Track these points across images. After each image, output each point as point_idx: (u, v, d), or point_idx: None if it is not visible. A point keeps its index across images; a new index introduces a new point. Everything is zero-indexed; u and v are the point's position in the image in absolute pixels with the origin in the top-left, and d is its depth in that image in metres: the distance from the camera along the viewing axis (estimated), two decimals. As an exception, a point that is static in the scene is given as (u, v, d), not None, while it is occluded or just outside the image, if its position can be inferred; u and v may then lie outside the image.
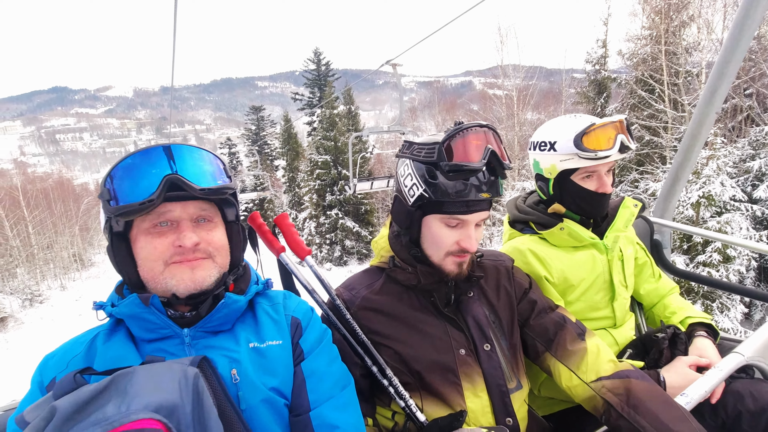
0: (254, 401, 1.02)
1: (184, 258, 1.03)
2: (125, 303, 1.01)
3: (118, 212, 0.99)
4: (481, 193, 1.23)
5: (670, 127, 15.61)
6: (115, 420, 0.73)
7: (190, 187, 1.00)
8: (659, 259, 2.39)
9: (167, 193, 0.99)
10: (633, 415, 1.15)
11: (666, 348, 1.55)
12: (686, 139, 2.39)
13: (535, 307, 1.45)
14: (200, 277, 1.04)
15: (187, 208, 1.04)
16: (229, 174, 1.12)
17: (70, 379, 0.81)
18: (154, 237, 1.02)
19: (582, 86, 19.90)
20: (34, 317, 26.45)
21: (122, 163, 1.01)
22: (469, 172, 1.21)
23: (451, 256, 1.30)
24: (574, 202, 1.69)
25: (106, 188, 1.00)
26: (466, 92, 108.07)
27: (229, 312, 1.08)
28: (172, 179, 0.99)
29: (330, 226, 27.29)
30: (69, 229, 40.80)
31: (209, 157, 1.09)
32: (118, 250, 1.05)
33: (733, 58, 2.03)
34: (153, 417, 0.75)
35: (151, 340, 1.04)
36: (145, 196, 0.97)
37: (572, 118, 1.66)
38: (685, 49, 15.74)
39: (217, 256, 1.09)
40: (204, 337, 1.06)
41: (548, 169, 1.68)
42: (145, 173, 0.99)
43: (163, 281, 1.03)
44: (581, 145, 1.56)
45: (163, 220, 1.03)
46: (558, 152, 1.62)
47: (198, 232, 1.05)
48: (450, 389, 1.28)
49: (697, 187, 11.44)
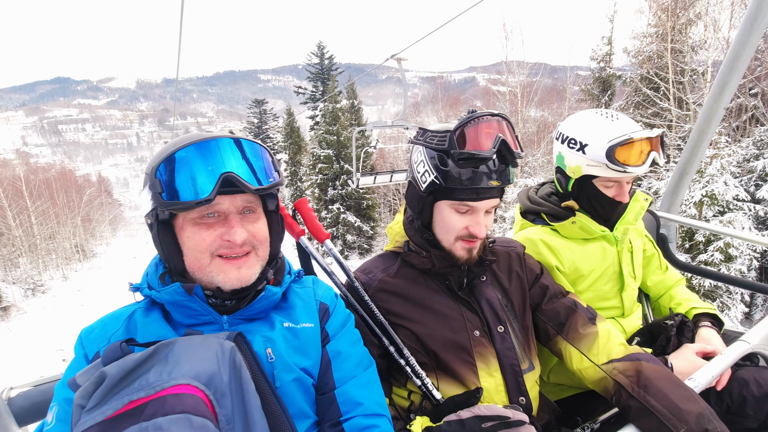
0: (287, 379, 1.07)
1: (231, 252, 1.04)
2: (168, 291, 1.03)
3: (171, 207, 0.99)
4: (491, 181, 1.26)
5: (675, 126, 15.60)
6: (157, 385, 0.78)
7: (245, 186, 1.00)
8: (665, 252, 2.43)
9: (221, 188, 0.98)
10: (643, 395, 1.19)
11: (674, 335, 1.60)
12: (694, 134, 2.42)
13: (546, 292, 1.50)
14: (246, 275, 1.06)
15: (235, 201, 1.05)
16: (278, 168, 1.12)
17: (117, 348, 0.86)
18: (201, 228, 1.03)
19: (586, 83, 19.85)
20: (37, 307, 26.61)
21: (177, 155, 0.98)
22: (479, 161, 1.24)
23: (460, 241, 1.35)
24: (589, 204, 1.71)
25: (157, 179, 0.99)
26: (470, 88, 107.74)
27: (268, 303, 1.11)
28: (228, 177, 0.98)
29: (332, 221, 27.32)
30: (71, 219, 40.93)
31: (263, 152, 1.08)
32: (164, 238, 1.04)
33: (744, 53, 2.05)
34: (191, 383, 0.80)
35: (191, 325, 1.07)
36: (202, 195, 0.96)
37: (607, 119, 1.61)
38: (691, 48, 15.68)
39: (260, 248, 1.10)
40: (241, 323, 1.10)
41: (572, 168, 1.67)
42: (200, 169, 0.98)
43: (210, 274, 1.04)
44: (613, 157, 1.53)
45: (211, 211, 1.03)
46: (587, 156, 1.60)
47: (244, 224, 1.06)
48: (465, 368, 1.33)
49: (700, 186, 11.45)
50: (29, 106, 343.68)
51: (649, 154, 1.56)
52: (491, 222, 1.37)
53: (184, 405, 0.76)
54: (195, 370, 0.82)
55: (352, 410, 1.11)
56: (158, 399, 0.76)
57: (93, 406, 0.75)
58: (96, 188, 57.43)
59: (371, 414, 1.12)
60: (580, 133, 1.63)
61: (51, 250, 36.24)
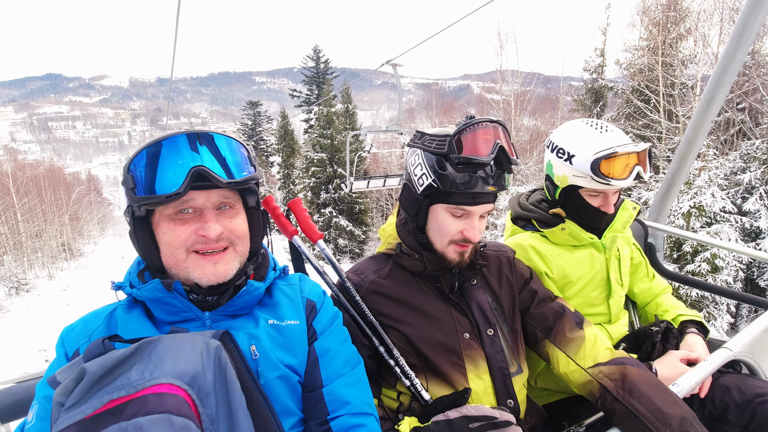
0: (271, 377, 1.06)
1: (206, 247, 1.03)
2: (147, 288, 1.02)
3: (143, 202, 0.99)
4: (488, 186, 1.28)
5: (664, 138, 15.85)
6: (138, 384, 0.77)
7: (216, 179, 0.99)
8: (652, 261, 2.46)
9: (193, 182, 0.98)
10: (628, 398, 1.20)
11: (659, 342, 1.62)
12: (682, 146, 2.46)
13: (535, 296, 1.51)
14: (222, 271, 1.05)
15: (210, 196, 1.04)
16: (254, 162, 1.11)
17: (99, 344, 0.84)
18: (176, 224, 1.02)
19: (579, 94, 20.14)
20: (20, 306, 26.09)
21: (147, 150, 0.99)
22: (477, 166, 1.25)
23: (453, 245, 1.36)
24: (575, 213, 1.73)
25: (130, 175, 0.99)
26: (464, 95, 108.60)
27: (250, 298, 1.11)
28: (198, 171, 0.98)
29: (324, 225, 27.26)
30: (59, 218, 40.32)
31: (236, 145, 1.08)
32: (141, 234, 1.04)
33: (731, 68, 2.10)
34: (173, 383, 0.79)
35: (173, 322, 1.06)
36: (171, 189, 0.96)
37: (596, 131, 1.63)
38: (681, 62, 16.00)
39: (239, 244, 1.09)
40: (224, 319, 1.09)
41: (559, 178, 1.70)
42: (170, 163, 0.98)
43: (186, 270, 1.04)
44: (597, 170, 1.56)
45: (186, 207, 1.03)
46: (573, 166, 1.62)
47: (220, 220, 1.05)
48: (454, 371, 1.33)
49: (688, 197, 11.64)
50: (19, 101, 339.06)
51: (634, 168, 1.58)
52: (484, 227, 1.38)
53: (165, 405, 0.74)
54: (178, 369, 0.81)
55: (339, 409, 1.11)
56: (139, 398, 0.74)
57: (72, 405, 0.74)
58: (85, 186, 56.74)
59: (359, 413, 1.12)
60: (569, 144, 1.65)
61: (37, 249, 35.62)
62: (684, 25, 16.22)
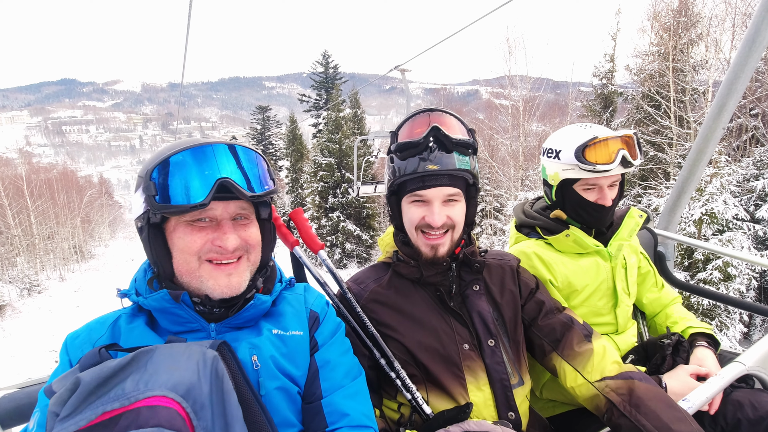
0: (271, 387, 1.05)
1: (221, 257, 1.03)
2: (155, 297, 1.01)
3: (165, 210, 0.98)
4: (429, 164, 1.28)
5: (675, 144, 15.66)
6: (132, 396, 0.76)
7: (240, 192, 1.00)
8: (662, 270, 2.41)
9: (216, 193, 0.98)
10: (634, 414, 1.17)
11: (669, 355, 1.58)
12: (693, 153, 2.42)
13: (542, 307, 1.48)
14: (236, 283, 1.04)
15: (228, 207, 1.04)
16: (273, 176, 1.12)
17: (95, 354, 0.84)
18: (193, 231, 1.02)
19: (588, 99, 19.98)
20: (32, 307, 26.44)
21: (172, 159, 0.98)
22: (413, 147, 1.30)
23: (422, 235, 1.36)
24: (574, 211, 1.73)
25: (152, 182, 0.98)
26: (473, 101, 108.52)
27: (257, 312, 1.10)
28: (224, 184, 0.98)
29: (331, 229, 27.30)
30: (71, 220, 40.91)
31: (259, 159, 1.08)
32: (154, 241, 1.03)
33: (743, 74, 2.06)
34: (167, 395, 0.78)
35: (178, 332, 1.05)
36: (196, 199, 0.96)
37: (581, 128, 1.70)
38: (692, 67, 15.81)
39: (252, 253, 1.10)
40: (229, 331, 1.08)
41: (552, 177, 1.74)
42: (196, 173, 0.97)
43: (198, 279, 1.03)
44: (582, 157, 1.60)
45: (203, 216, 1.02)
46: (561, 161, 1.68)
47: (237, 230, 1.05)
48: (454, 382, 1.31)
49: (700, 204, 11.46)
50: (34, 106, 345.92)
51: (618, 153, 1.60)
52: (457, 214, 1.35)
53: (158, 418, 0.73)
54: (173, 380, 0.80)
55: (338, 421, 1.09)
56: (132, 410, 0.74)
57: (66, 415, 0.73)
58: (97, 189, 57.57)
59: (357, 425, 1.10)
60: (556, 143, 1.71)
61: (49, 250, 36.15)
62: (695, 30, 16.04)
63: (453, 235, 1.36)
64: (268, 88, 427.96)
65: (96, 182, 70.38)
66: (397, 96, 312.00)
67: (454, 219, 1.34)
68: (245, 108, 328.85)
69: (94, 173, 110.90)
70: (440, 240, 1.34)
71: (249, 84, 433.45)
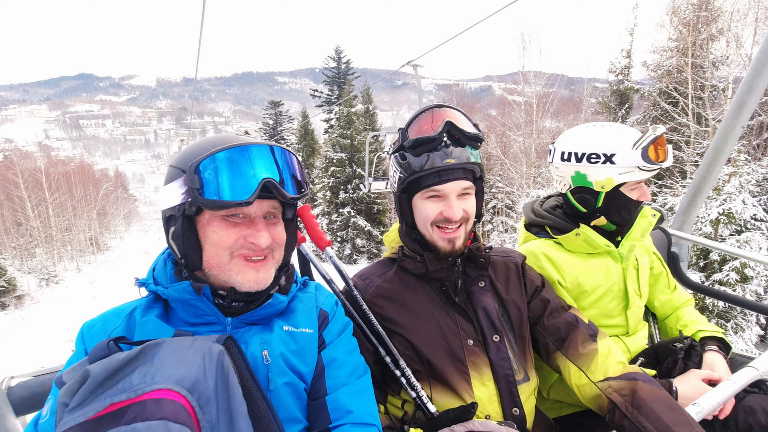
0: (280, 383, 1.06)
1: (254, 254, 1.05)
2: (176, 288, 1.03)
3: (210, 205, 0.99)
4: (447, 159, 1.29)
5: (693, 142, 15.34)
6: (139, 388, 0.77)
7: (282, 194, 1.03)
8: (675, 271, 2.37)
9: (261, 192, 1.01)
10: (636, 415, 1.16)
11: (681, 359, 1.55)
12: (710, 152, 2.37)
13: (547, 306, 1.47)
14: (263, 278, 1.07)
15: (262, 205, 1.07)
16: (307, 180, 1.14)
17: (104, 346, 0.86)
18: (228, 226, 1.04)
19: (603, 96, 19.63)
20: (50, 297, 27.13)
21: (221, 155, 1.00)
22: (429, 143, 1.29)
23: (438, 230, 1.35)
24: (618, 213, 1.66)
25: (196, 176, 0.99)
26: (485, 97, 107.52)
27: (273, 310, 1.12)
28: (268, 184, 1.01)
29: (342, 224, 27.40)
30: (87, 213, 41.76)
31: (298, 163, 1.12)
32: (188, 233, 1.04)
33: (765, 70, 2.00)
34: (173, 388, 0.79)
35: (195, 324, 1.07)
36: (242, 196, 0.99)
37: (614, 128, 1.62)
38: (712, 63, 15.44)
39: (277, 251, 1.12)
40: (243, 326, 1.10)
41: (602, 183, 1.62)
42: (243, 172, 1.00)
43: (228, 272, 1.05)
44: (647, 157, 1.54)
45: (238, 212, 1.05)
46: (617, 165, 1.57)
47: (268, 228, 1.08)
48: (458, 378, 1.31)
49: (717, 204, 11.21)
50: (53, 100, 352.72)
51: (668, 149, 1.58)
52: (471, 207, 1.37)
53: (163, 411, 0.75)
54: (179, 374, 0.81)
55: (341, 418, 1.10)
56: (139, 403, 0.75)
57: (75, 406, 0.75)
58: (113, 183, 58.63)
59: (361, 423, 1.11)
60: (600, 147, 1.59)
61: (66, 242, 36.98)
62: (716, 25, 15.64)
63: (466, 227, 1.37)
64: (280, 84, 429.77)
65: (112, 176, 71.59)
66: (409, 92, 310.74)
67: (468, 212, 1.35)
68: (258, 103, 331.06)
69: (110, 167, 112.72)
70: (456, 233, 1.35)
71: (262, 79, 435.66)
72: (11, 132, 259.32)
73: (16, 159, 35.23)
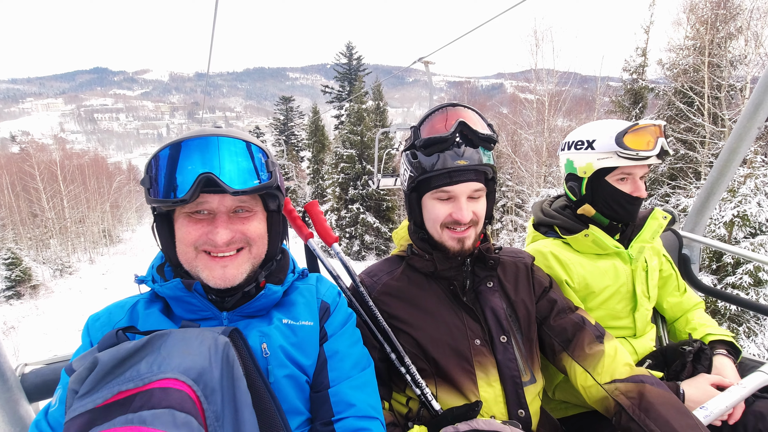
0: (280, 375, 1.07)
1: (216, 250, 1.04)
2: (169, 286, 1.04)
3: (154, 204, 1.02)
4: (459, 160, 1.27)
5: (708, 142, 15.07)
6: (146, 377, 0.79)
7: (224, 187, 0.98)
8: (686, 274, 2.33)
9: (204, 187, 0.98)
10: (643, 418, 1.15)
11: (690, 362, 1.53)
12: (725, 152, 2.32)
13: (554, 306, 1.46)
14: (231, 275, 1.05)
15: (224, 200, 1.03)
16: (271, 168, 1.08)
17: (113, 335, 0.88)
18: (191, 223, 1.04)
19: (617, 95, 19.36)
20: (63, 287, 27.65)
21: (161, 153, 1.00)
22: (441, 143, 1.28)
23: (447, 231, 1.34)
24: (606, 204, 1.67)
25: (147, 176, 1.00)
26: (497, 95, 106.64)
27: (267, 301, 1.12)
28: (206, 178, 0.97)
29: (351, 220, 27.45)
30: (101, 205, 42.39)
31: (253, 151, 1.05)
32: (161, 230, 1.08)
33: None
34: (179, 378, 0.80)
35: (192, 320, 1.08)
36: (179, 194, 0.97)
37: (611, 121, 1.66)
38: (729, 62, 15.13)
39: (254, 245, 1.10)
40: (240, 320, 1.11)
41: (583, 168, 1.67)
42: (180, 168, 0.98)
43: (195, 269, 1.05)
44: (623, 143, 1.55)
45: (201, 209, 1.04)
46: (596, 150, 1.61)
47: (234, 224, 1.05)
48: (464, 377, 1.31)
49: (731, 206, 11.01)
50: (69, 94, 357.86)
51: (657, 141, 1.57)
52: (481, 209, 1.36)
53: (169, 400, 0.76)
54: (185, 364, 0.83)
55: (344, 411, 1.10)
56: (146, 391, 0.77)
57: (84, 393, 0.77)
58: (125, 176, 59.42)
59: (363, 416, 1.11)
60: (586, 134, 1.66)
61: (80, 234, 37.61)
62: (735, 23, 15.31)
63: (476, 229, 1.37)
64: (291, 79, 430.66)
65: (125, 169, 72.62)
66: (420, 88, 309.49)
67: (478, 214, 1.34)
68: (269, 98, 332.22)
69: (123, 160, 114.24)
70: (466, 233, 1.34)
71: (273, 75, 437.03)
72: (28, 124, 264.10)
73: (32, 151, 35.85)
